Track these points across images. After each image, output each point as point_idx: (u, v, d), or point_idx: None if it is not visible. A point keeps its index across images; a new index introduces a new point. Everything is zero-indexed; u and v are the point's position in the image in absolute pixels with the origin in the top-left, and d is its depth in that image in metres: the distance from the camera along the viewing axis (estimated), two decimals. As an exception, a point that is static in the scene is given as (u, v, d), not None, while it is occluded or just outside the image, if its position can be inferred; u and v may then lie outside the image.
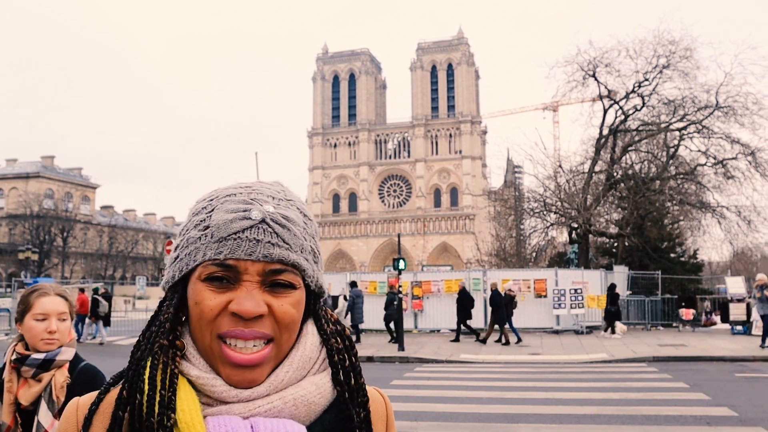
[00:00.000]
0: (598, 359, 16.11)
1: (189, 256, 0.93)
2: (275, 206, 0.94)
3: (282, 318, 0.92)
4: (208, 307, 0.90)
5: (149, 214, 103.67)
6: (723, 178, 30.48)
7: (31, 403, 2.29)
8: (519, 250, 40.15)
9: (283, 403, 0.91)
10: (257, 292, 0.90)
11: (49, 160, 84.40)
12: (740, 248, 36.22)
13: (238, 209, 0.92)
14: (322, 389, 0.95)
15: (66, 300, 2.43)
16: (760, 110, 28.88)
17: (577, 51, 31.62)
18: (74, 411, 0.97)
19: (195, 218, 0.96)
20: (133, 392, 0.90)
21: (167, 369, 0.90)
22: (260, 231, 0.91)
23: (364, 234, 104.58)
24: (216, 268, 0.91)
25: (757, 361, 15.54)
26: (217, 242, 0.91)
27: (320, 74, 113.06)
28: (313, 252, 0.99)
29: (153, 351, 0.92)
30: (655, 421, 8.82)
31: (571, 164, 33.60)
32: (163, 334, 0.92)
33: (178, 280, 0.96)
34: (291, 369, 0.94)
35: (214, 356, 0.91)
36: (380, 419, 1.06)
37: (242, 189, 0.96)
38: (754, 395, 10.77)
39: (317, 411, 0.94)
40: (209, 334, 0.90)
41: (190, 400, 0.89)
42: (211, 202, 0.96)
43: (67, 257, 72.90)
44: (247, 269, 0.90)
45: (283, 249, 0.92)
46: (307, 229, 0.98)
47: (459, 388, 11.92)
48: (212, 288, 0.91)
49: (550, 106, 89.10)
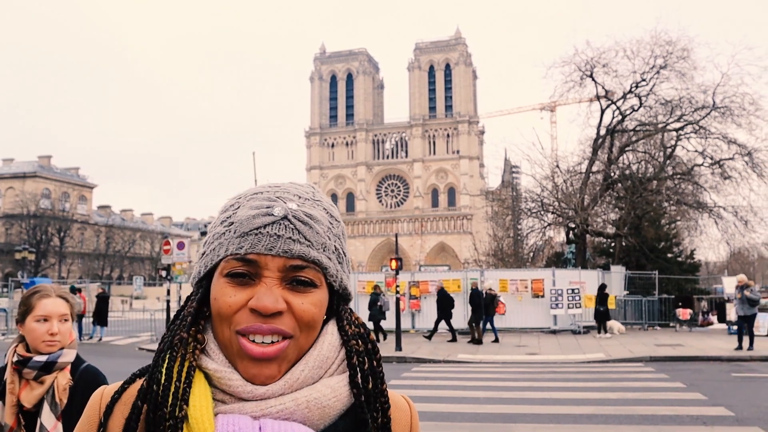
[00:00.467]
0: (596, 359, 16.14)
1: (214, 251, 0.95)
2: (299, 204, 0.95)
3: (302, 316, 0.92)
4: (226, 304, 0.91)
5: (146, 214, 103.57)
6: (720, 178, 30.58)
7: (33, 405, 2.29)
8: (516, 250, 40.19)
9: (296, 404, 0.90)
10: (277, 289, 0.91)
11: (46, 160, 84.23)
12: (737, 248, 36.31)
13: (261, 206, 0.94)
14: (337, 393, 0.93)
15: (67, 302, 2.43)
16: (757, 111, 29.00)
17: (574, 51, 31.76)
18: (99, 398, 0.99)
19: (222, 215, 0.98)
20: (151, 383, 0.91)
21: (185, 362, 0.91)
22: (281, 227, 0.92)
23: (361, 234, 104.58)
24: (237, 263, 0.92)
25: (754, 361, 15.59)
26: (239, 237, 0.92)
27: (318, 74, 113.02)
28: (338, 252, 0.98)
29: (173, 344, 0.93)
30: (652, 420, 8.84)
31: (568, 164, 33.70)
32: (184, 328, 0.94)
33: (204, 275, 0.97)
34: (307, 368, 0.93)
35: (232, 351, 0.91)
36: (402, 428, 1.03)
37: (270, 188, 0.98)
38: (750, 395, 10.79)
39: (332, 415, 0.93)
40: (228, 329, 0.91)
41: (203, 396, 0.90)
42: (239, 200, 0.98)
43: (64, 257, 72.80)
44: (267, 264, 0.91)
45: (304, 246, 0.92)
46: (333, 230, 0.98)
47: (456, 388, 11.94)
48: (233, 284, 0.91)
49: (548, 107, 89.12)
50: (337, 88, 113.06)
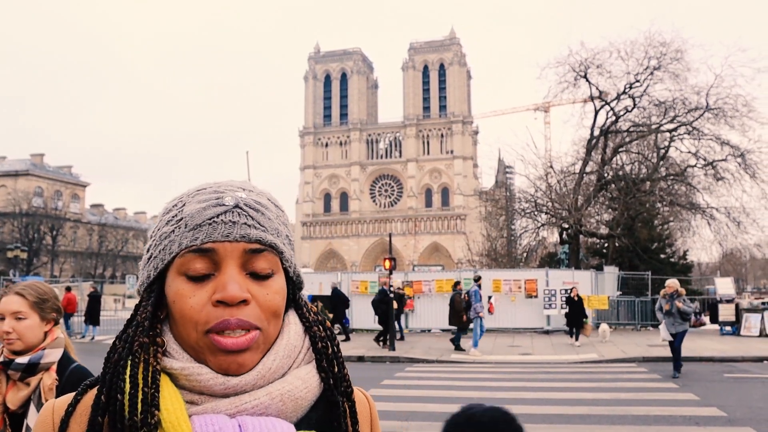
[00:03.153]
0: (589, 359, 16.18)
1: (164, 250, 0.92)
2: (247, 194, 0.94)
3: (268, 306, 0.91)
4: (188, 305, 0.88)
5: (140, 212, 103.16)
6: (713, 179, 30.64)
7: (20, 406, 2.25)
8: (510, 250, 40.23)
9: (270, 399, 0.89)
10: (240, 277, 0.89)
11: (39, 158, 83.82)
12: (729, 249, 36.42)
13: (210, 198, 0.92)
14: (308, 383, 0.93)
15: (24, 298, 2.33)
16: (750, 112, 29.05)
17: (568, 52, 31.70)
18: (50, 413, 0.94)
19: (166, 216, 0.95)
20: (113, 394, 0.87)
21: (149, 367, 0.88)
22: (235, 214, 0.91)
23: (355, 234, 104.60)
24: (193, 256, 0.89)
25: (746, 362, 15.66)
26: (192, 230, 0.90)
27: (312, 73, 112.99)
28: (288, 239, 0.98)
29: (133, 350, 0.89)
30: (644, 421, 8.86)
31: (562, 165, 33.71)
32: (143, 333, 0.90)
33: (154, 278, 0.93)
34: (278, 357, 0.92)
35: (201, 350, 0.89)
36: (365, 419, 1.05)
37: (212, 184, 0.97)
38: (742, 395, 10.83)
39: (304, 407, 0.93)
40: (194, 331, 0.88)
41: (173, 398, 0.86)
42: (181, 199, 0.96)
43: (56, 256, 72.44)
44: (226, 252, 0.89)
45: (260, 230, 0.92)
46: (280, 218, 0.98)
47: (450, 388, 11.93)
48: (192, 282, 0.89)
49: (542, 107, 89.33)
50: (332, 88, 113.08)
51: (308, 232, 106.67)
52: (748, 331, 21.57)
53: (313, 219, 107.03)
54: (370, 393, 1.10)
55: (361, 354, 17.37)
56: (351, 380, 1.00)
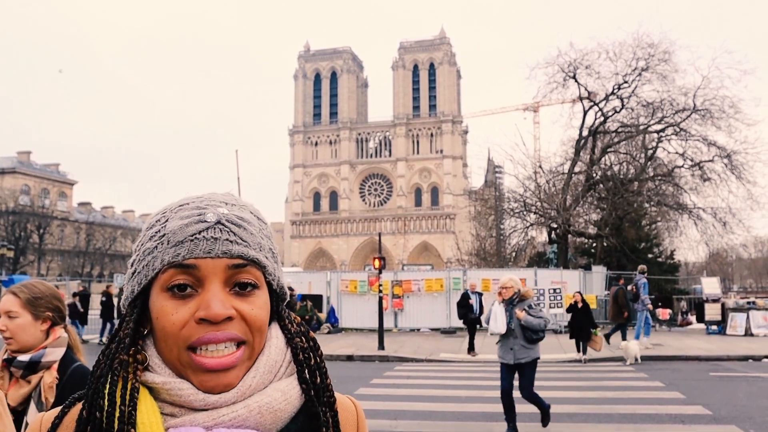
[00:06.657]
0: (576, 358, 16.26)
1: (147, 266, 0.92)
2: (229, 209, 0.95)
3: (253, 321, 0.91)
4: (170, 322, 0.89)
5: (128, 211, 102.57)
6: (700, 180, 30.89)
7: (20, 403, 2.27)
8: (499, 249, 40.36)
9: (248, 411, 0.89)
10: (223, 294, 0.90)
11: (26, 156, 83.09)
12: (716, 249, 36.77)
13: (192, 214, 0.93)
14: (288, 395, 0.93)
15: (17, 297, 2.35)
16: (736, 113, 29.31)
17: (557, 53, 31.80)
18: (38, 426, 0.97)
19: (149, 231, 0.95)
20: (93, 410, 0.89)
21: (127, 384, 0.89)
22: (216, 230, 0.91)
23: (344, 233, 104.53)
24: (176, 272, 0.90)
25: (732, 361, 15.79)
26: (174, 246, 0.90)
27: (302, 72, 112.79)
28: (272, 252, 0.99)
29: (113, 367, 0.90)
30: (631, 419, 8.94)
31: (551, 165, 33.87)
32: (123, 350, 0.91)
33: (138, 294, 0.94)
34: (258, 374, 0.92)
35: (183, 366, 0.90)
36: (351, 427, 1.03)
37: (195, 199, 0.97)
38: (727, 394, 10.94)
39: (283, 419, 0.92)
40: (176, 347, 0.89)
41: (151, 412, 0.88)
42: (164, 214, 0.96)
43: (43, 254, 71.86)
44: (209, 268, 0.89)
45: (242, 246, 0.92)
46: (263, 231, 0.98)
47: (439, 387, 11.98)
48: (174, 298, 0.90)
49: (531, 107, 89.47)
50: (322, 87, 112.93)
51: (298, 231, 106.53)
52: (733, 331, 21.77)
53: (302, 218, 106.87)
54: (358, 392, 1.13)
55: (350, 353, 17.37)
56: (340, 379, 1.02)
